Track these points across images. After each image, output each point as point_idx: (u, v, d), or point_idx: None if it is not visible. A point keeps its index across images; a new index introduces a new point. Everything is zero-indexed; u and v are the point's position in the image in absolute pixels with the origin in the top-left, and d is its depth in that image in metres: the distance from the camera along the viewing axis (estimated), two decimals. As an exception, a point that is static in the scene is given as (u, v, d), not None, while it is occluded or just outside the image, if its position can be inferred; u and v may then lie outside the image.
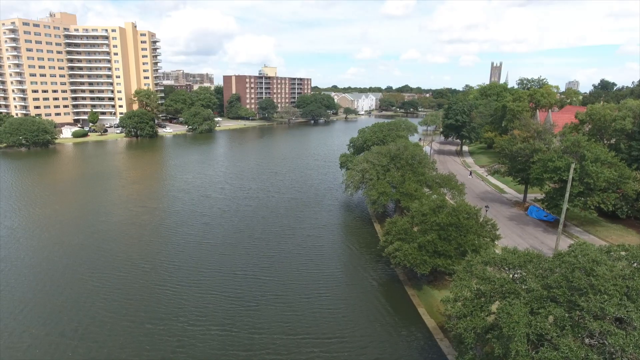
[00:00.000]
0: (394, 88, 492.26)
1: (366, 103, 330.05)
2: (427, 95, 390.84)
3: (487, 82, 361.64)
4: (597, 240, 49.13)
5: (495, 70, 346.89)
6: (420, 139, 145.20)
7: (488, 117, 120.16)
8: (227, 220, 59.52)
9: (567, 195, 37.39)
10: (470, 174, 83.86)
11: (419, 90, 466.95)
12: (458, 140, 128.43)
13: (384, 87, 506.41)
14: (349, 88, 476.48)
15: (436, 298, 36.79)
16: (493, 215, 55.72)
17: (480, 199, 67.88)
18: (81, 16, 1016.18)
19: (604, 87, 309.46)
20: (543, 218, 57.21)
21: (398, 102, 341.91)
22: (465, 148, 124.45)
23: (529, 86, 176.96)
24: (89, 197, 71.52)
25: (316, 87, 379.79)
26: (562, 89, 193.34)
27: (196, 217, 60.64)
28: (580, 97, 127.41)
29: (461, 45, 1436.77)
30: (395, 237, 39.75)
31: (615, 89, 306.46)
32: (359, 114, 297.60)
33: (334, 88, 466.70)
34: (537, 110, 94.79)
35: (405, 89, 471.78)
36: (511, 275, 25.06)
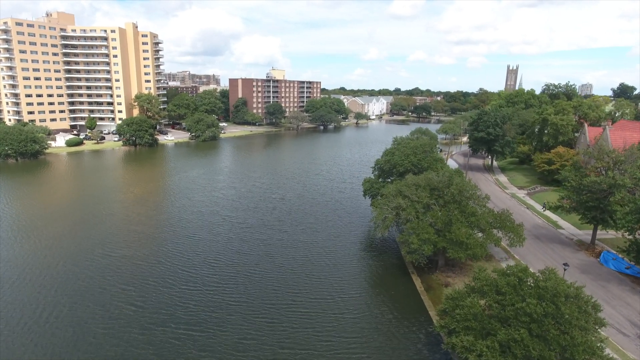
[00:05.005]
0: (402, 90, 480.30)
1: (377, 107, 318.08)
2: (439, 98, 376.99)
3: (503, 85, 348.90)
4: None
5: (512, 73, 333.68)
6: (440, 149, 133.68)
7: (518, 127, 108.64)
8: (214, 283, 44.28)
9: None
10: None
11: (429, 92, 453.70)
12: (484, 153, 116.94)
13: (391, 89, 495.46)
14: (358, 90, 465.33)
15: None
16: (559, 264, 44.10)
17: (534, 237, 56.24)
18: (89, 16, 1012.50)
19: (624, 91, 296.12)
20: (624, 270, 45.57)
21: (409, 105, 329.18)
22: (495, 163, 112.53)
23: (555, 92, 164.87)
24: (49, 238, 56.18)
25: (324, 89, 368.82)
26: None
27: (174, 275, 45.98)
28: (633, 110, 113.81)
29: (469, 46, 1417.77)
30: (460, 325, 28.58)
31: (635, 93, 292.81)
32: (370, 119, 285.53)
33: (342, 90, 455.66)
34: (585, 124, 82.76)
35: (415, 91, 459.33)
36: None
